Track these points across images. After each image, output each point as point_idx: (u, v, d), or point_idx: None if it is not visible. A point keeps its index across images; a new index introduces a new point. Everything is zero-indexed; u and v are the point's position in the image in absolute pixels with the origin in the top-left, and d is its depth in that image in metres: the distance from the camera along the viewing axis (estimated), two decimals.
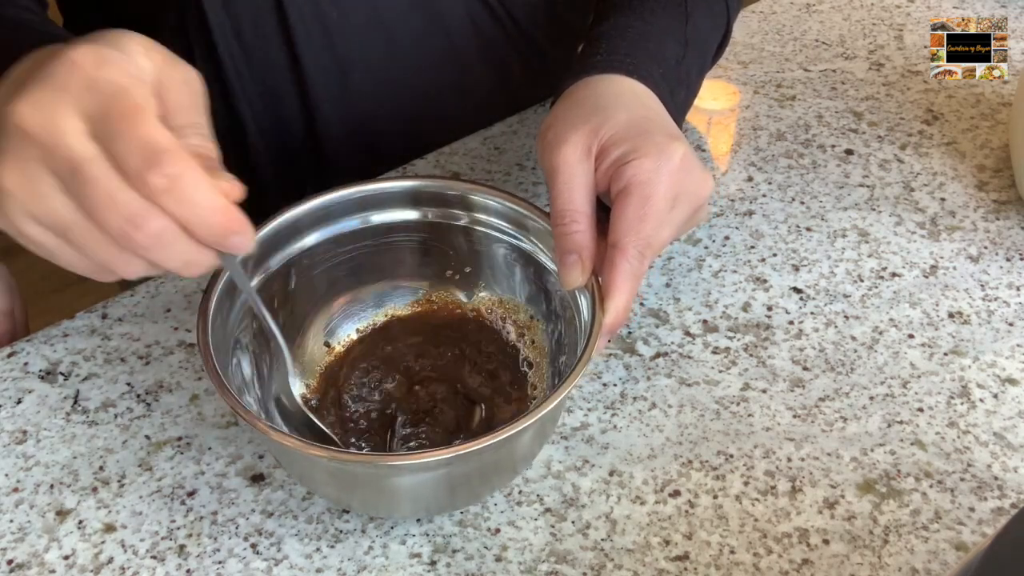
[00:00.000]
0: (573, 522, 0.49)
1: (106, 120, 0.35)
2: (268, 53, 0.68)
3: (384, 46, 0.70)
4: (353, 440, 0.52)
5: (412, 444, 0.52)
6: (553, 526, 0.49)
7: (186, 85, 0.38)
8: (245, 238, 0.37)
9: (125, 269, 0.38)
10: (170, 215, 0.36)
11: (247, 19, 0.66)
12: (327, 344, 0.56)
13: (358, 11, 0.68)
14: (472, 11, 0.72)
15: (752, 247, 0.65)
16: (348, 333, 0.57)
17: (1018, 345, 0.59)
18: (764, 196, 0.69)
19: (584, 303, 0.49)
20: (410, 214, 0.55)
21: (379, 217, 0.55)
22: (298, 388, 0.50)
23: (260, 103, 0.70)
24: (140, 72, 0.37)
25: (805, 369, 0.57)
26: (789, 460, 0.52)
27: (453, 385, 0.54)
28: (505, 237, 0.55)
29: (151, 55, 0.38)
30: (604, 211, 0.51)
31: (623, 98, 0.53)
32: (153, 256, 0.37)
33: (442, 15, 0.71)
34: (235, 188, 0.37)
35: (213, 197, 0.36)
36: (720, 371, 0.57)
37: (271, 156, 0.72)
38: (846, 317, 0.60)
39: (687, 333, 0.59)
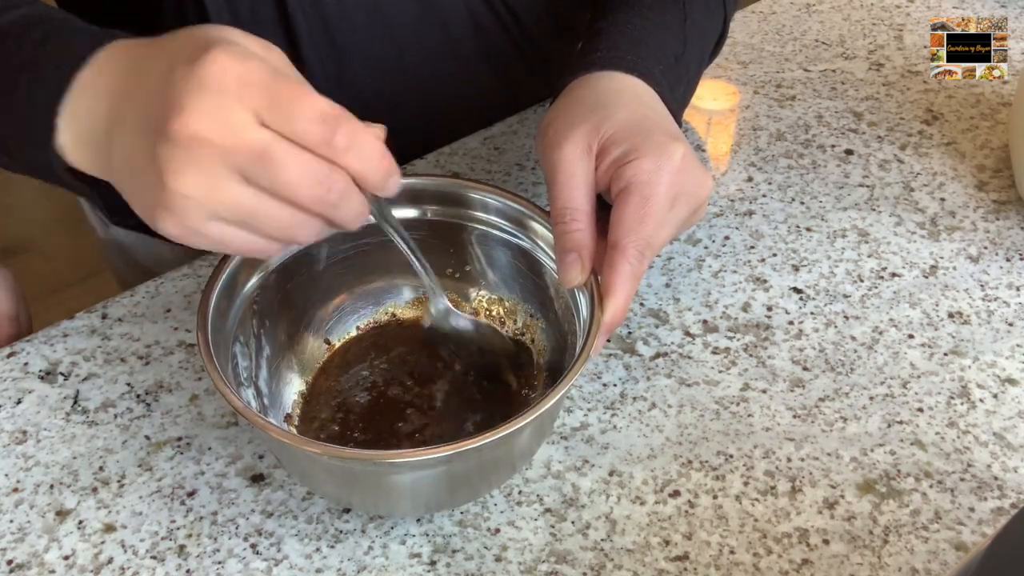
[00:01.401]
0: (573, 522, 0.49)
1: (276, 107, 0.38)
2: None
3: (383, 37, 0.70)
4: (353, 435, 0.52)
5: (411, 442, 0.52)
6: (553, 526, 0.49)
7: (285, 58, 0.42)
8: (398, 178, 0.42)
9: (304, 235, 0.41)
10: (350, 170, 0.40)
11: (246, 7, 0.66)
12: (327, 341, 0.56)
13: (358, 7, 0.68)
14: (470, 4, 0.72)
15: (752, 247, 0.65)
16: (348, 331, 0.57)
17: (1018, 345, 0.59)
18: (764, 196, 0.69)
19: (583, 302, 0.49)
20: (410, 212, 0.55)
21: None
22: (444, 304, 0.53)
23: None
24: (271, 55, 0.40)
25: (805, 369, 0.57)
26: (789, 460, 0.52)
27: (452, 383, 0.54)
28: (505, 236, 0.55)
29: (265, 45, 0.41)
30: (604, 209, 0.51)
31: (623, 96, 0.53)
32: (337, 212, 0.41)
33: (441, 7, 0.71)
34: (382, 130, 0.42)
35: (382, 148, 0.41)
36: (720, 371, 0.57)
37: None
38: (846, 317, 0.60)
39: (687, 333, 0.59)
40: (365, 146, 0.40)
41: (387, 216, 0.47)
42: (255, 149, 0.38)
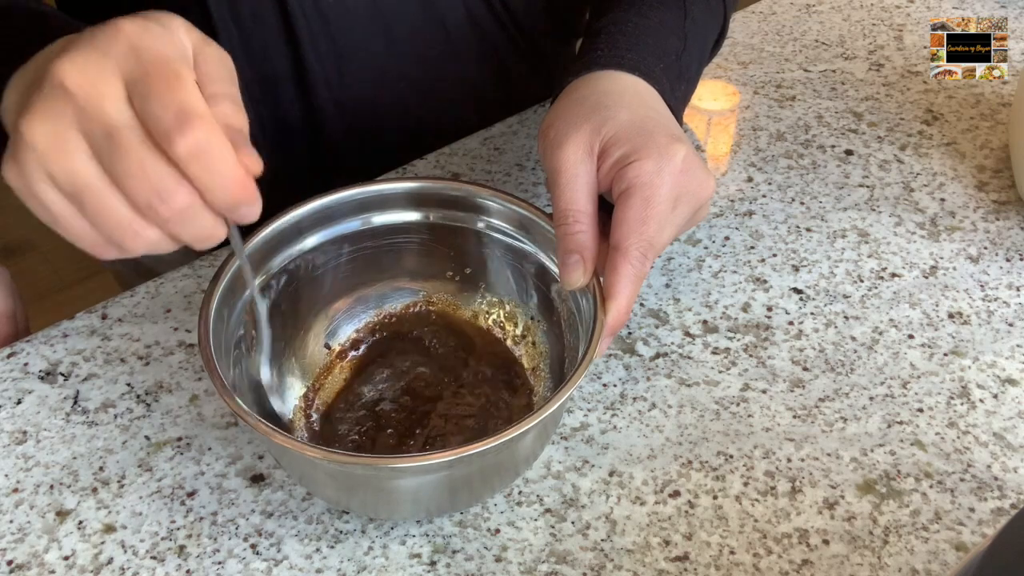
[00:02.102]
0: (573, 522, 0.49)
1: (144, 82, 0.36)
2: (267, 42, 0.68)
3: (382, 37, 0.70)
4: (355, 439, 0.52)
5: (413, 446, 0.52)
6: (553, 526, 0.49)
7: (221, 61, 0.40)
8: (254, 210, 0.38)
9: (133, 242, 0.38)
10: (194, 182, 0.36)
11: (247, 8, 0.66)
12: (327, 346, 0.56)
13: (357, 7, 0.68)
14: (469, 4, 0.72)
15: (752, 247, 0.65)
16: (348, 335, 0.57)
17: (1018, 345, 0.59)
18: (764, 196, 0.69)
19: (585, 304, 0.49)
20: (411, 215, 0.55)
21: (380, 218, 0.55)
22: (267, 377, 0.50)
23: (258, 90, 0.70)
24: (181, 46, 0.38)
25: (805, 369, 0.57)
26: (789, 460, 0.52)
27: (454, 387, 0.54)
28: (506, 238, 0.55)
29: (191, 34, 0.39)
30: (605, 211, 0.51)
31: (624, 96, 0.53)
32: (173, 229, 0.37)
33: (440, 9, 0.71)
34: (256, 163, 0.38)
35: (235, 167, 0.37)
36: (720, 371, 0.57)
37: (269, 145, 0.72)
38: (846, 317, 0.60)
39: (687, 333, 0.59)
40: (215, 160, 0.36)
41: (237, 248, 0.43)
42: (107, 123, 0.36)
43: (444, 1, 0.71)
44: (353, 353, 0.56)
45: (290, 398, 0.53)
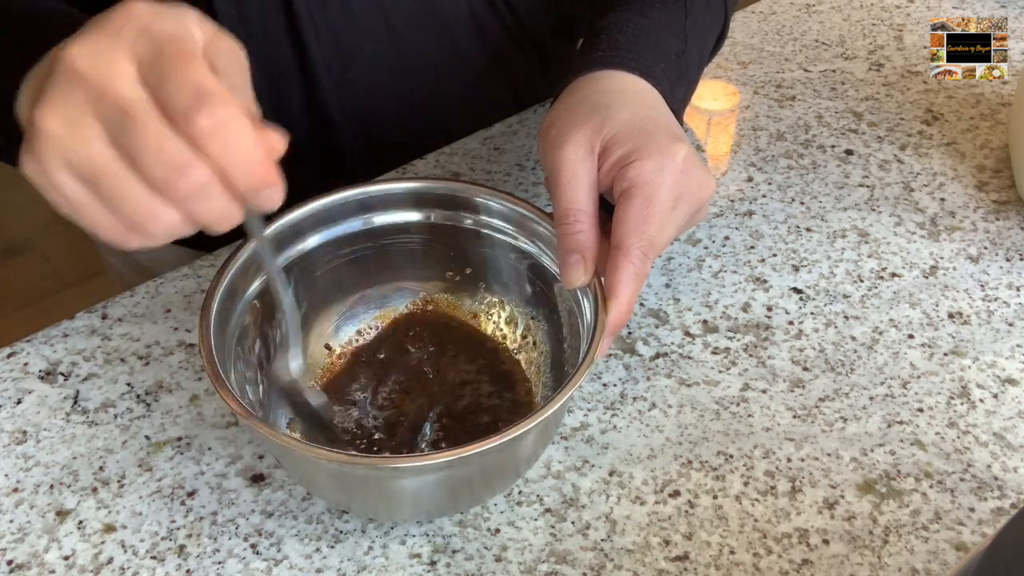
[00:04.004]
0: (573, 522, 0.49)
1: (157, 62, 0.35)
2: (274, 43, 0.68)
3: (388, 40, 0.70)
4: (355, 440, 0.52)
5: (413, 446, 0.51)
6: (553, 526, 0.49)
7: (233, 54, 0.39)
8: (277, 193, 0.37)
9: (155, 225, 0.37)
10: (212, 160, 0.36)
11: (254, 11, 0.66)
12: (327, 347, 0.56)
13: (362, 4, 0.68)
14: (474, 7, 0.72)
15: (752, 247, 0.65)
16: (349, 335, 0.57)
17: (1018, 345, 0.59)
18: (764, 196, 0.69)
19: (586, 304, 0.49)
20: (411, 216, 0.55)
21: (380, 219, 0.55)
22: (298, 367, 0.48)
23: (265, 90, 0.70)
24: (194, 33, 0.38)
25: (805, 369, 0.57)
26: (789, 460, 0.52)
27: (454, 387, 0.54)
28: (506, 238, 0.55)
29: (203, 25, 0.39)
30: (605, 210, 0.51)
31: (625, 96, 0.53)
32: (192, 206, 0.37)
33: (444, 10, 0.71)
34: (279, 140, 0.37)
35: (255, 146, 0.36)
36: (720, 371, 0.57)
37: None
38: (846, 317, 0.60)
39: (687, 333, 0.59)
40: (236, 139, 0.35)
41: (258, 234, 0.42)
42: (121, 103, 0.35)
43: (449, 3, 0.71)
44: (354, 354, 0.56)
45: None
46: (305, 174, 0.74)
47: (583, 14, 0.75)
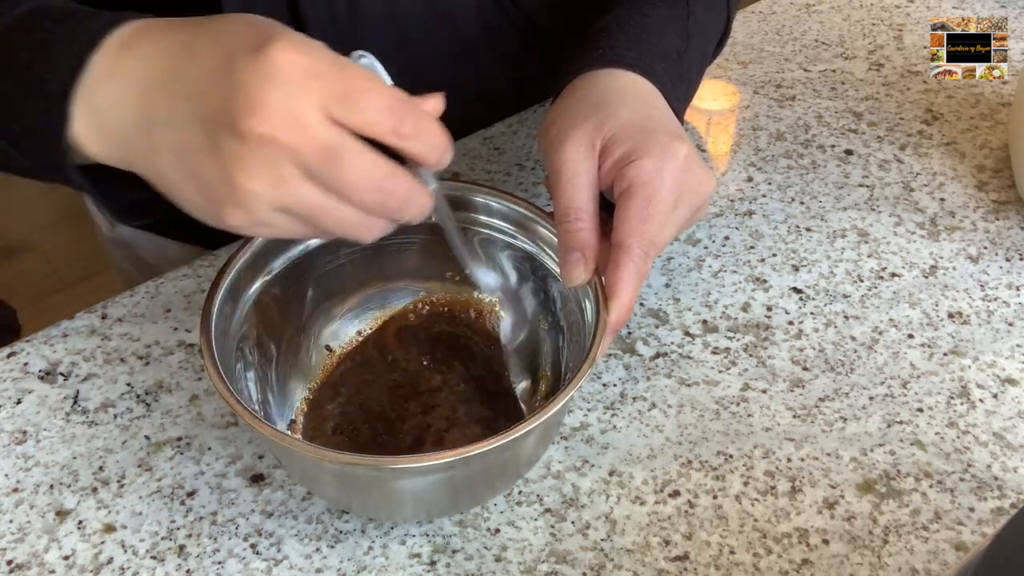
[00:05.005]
0: (573, 522, 0.49)
1: (345, 100, 0.38)
2: None
3: (395, 41, 0.70)
4: (357, 441, 0.52)
5: (415, 447, 0.51)
6: (553, 526, 0.49)
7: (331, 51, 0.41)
8: (452, 151, 0.42)
9: (369, 235, 0.42)
10: (413, 154, 0.40)
11: (261, 14, 0.66)
12: (328, 348, 0.56)
13: (369, 8, 0.68)
14: (482, 6, 0.72)
15: (752, 247, 0.65)
16: (349, 336, 0.57)
17: (1018, 345, 0.59)
18: (764, 196, 0.69)
19: (587, 304, 0.49)
20: None
21: None
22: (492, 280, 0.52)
23: None
24: (338, 55, 0.40)
25: (805, 369, 0.57)
26: (789, 460, 0.52)
27: (455, 387, 0.54)
28: (506, 238, 0.55)
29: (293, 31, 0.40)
30: (605, 209, 0.51)
31: (625, 94, 0.53)
32: (400, 215, 0.41)
33: (453, 10, 0.71)
34: (438, 102, 0.42)
35: (439, 129, 0.41)
36: (720, 371, 0.57)
37: None
38: (846, 317, 0.60)
39: (687, 333, 0.59)
40: (429, 132, 0.40)
41: (440, 204, 0.47)
42: (321, 148, 0.38)
43: (457, 4, 0.71)
44: (354, 354, 0.56)
45: (291, 399, 0.53)
46: None
47: (589, 12, 0.75)
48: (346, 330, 0.57)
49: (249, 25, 0.40)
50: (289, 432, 0.51)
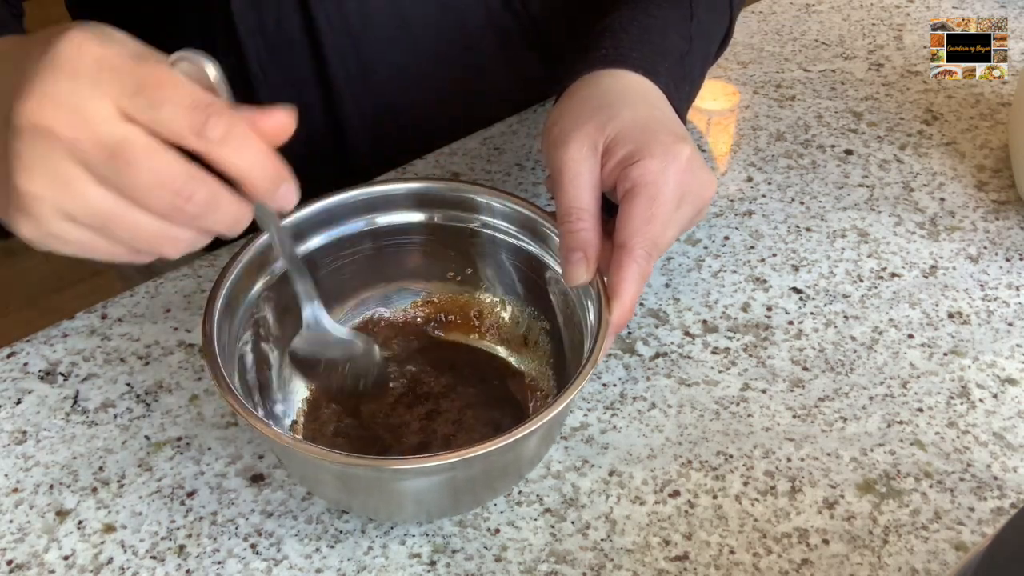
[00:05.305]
0: (573, 522, 0.49)
1: (141, 93, 0.34)
2: (292, 50, 0.68)
3: (405, 44, 0.70)
4: (358, 442, 0.52)
5: (417, 448, 0.51)
6: (553, 526, 0.49)
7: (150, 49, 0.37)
8: (291, 190, 0.37)
9: (173, 247, 0.37)
10: (228, 168, 0.35)
11: (271, 15, 0.66)
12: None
13: (380, 10, 0.68)
14: (491, 8, 0.72)
15: (752, 247, 0.65)
16: None
17: (1018, 345, 0.59)
18: (764, 196, 0.69)
19: (588, 304, 0.49)
20: (412, 216, 0.55)
21: (382, 219, 0.54)
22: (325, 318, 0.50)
23: (285, 97, 0.71)
24: (151, 52, 0.36)
25: (805, 369, 0.57)
26: (789, 460, 0.52)
27: (456, 387, 0.54)
28: (507, 238, 0.55)
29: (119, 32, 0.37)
30: (607, 210, 0.51)
31: (628, 95, 0.53)
32: (203, 223, 0.36)
33: (462, 13, 0.71)
34: (287, 119, 0.37)
35: (260, 143, 0.36)
36: (720, 371, 0.57)
37: (293, 149, 0.73)
38: (846, 317, 0.60)
39: (687, 333, 0.59)
40: (244, 140, 0.35)
41: (274, 225, 0.42)
42: (107, 145, 0.34)
43: (466, 7, 0.71)
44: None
45: (293, 400, 0.53)
46: (319, 176, 0.74)
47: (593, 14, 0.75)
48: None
49: (67, 27, 0.36)
50: (291, 433, 0.51)
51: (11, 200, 0.36)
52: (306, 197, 0.53)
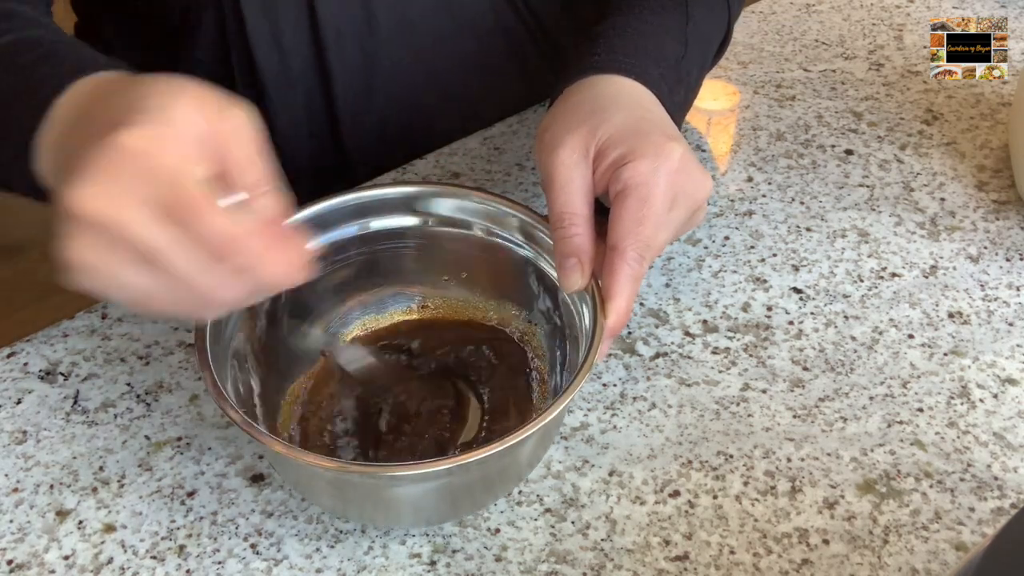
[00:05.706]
0: (573, 522, 0.49)
1: (173, 211, 0.36)
2: (300, 55, 0.68)
3: (409, 47, 0.70)
4: (353, 448, 0.52)
5: (412, 454, 0.51)
6: (553, 526, 0.49)
7: (240, 135, 0.38)
8: (304, 275, 0.40)
9: (233, 301, 0.39)
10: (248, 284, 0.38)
11: (285, 22, 0.67)
12: (323, 354, 0.55)
13: (386, 14, 0.68)
14: (498, 10, 0.72)
15: (752, 247, 0.65)
16: (344, 341, 0.56)
17: (1018, 345, 0.59)
18: (764, 196, 0.69)
19: (584, 307, 0.49)
20: (407, 220, 0.55)
21: (376, 224, 0.54)
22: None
23: (289, 98, 0.71)
24: (190, 142, 0.37)
25: (805, 369, 0.57)
26: (789, 460, 0.52)
27: (452, 391, 0.54)
28: (503, 242, 0.54)
29: (204, 110, 0.37)
30: (602, 213, 0.51)
31: (620, 99, 0.53)
32: (235, 306, 0.40)
33: (467, 15, 0.71)
34: (302, 250, 0.39)
35: (285, 270, 0.38)
36: (720, 371, 0.57)
37: (296, 150, 0.73)
38: (846, 317, 0.60)
39: (687, 333, 0.59)
40: (266, 272, 0.38)
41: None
42: (143, 248, 0.36)
43: (473, 10, 0.71)
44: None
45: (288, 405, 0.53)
46: (320, 175, 0.74)
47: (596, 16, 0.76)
48: (342, 336, 0.56)
49: (140, 94, 0.38)
50: (284, 439, 0.51)
51: (67, 261, 0.37)
52: (306, 197, 0.53)
